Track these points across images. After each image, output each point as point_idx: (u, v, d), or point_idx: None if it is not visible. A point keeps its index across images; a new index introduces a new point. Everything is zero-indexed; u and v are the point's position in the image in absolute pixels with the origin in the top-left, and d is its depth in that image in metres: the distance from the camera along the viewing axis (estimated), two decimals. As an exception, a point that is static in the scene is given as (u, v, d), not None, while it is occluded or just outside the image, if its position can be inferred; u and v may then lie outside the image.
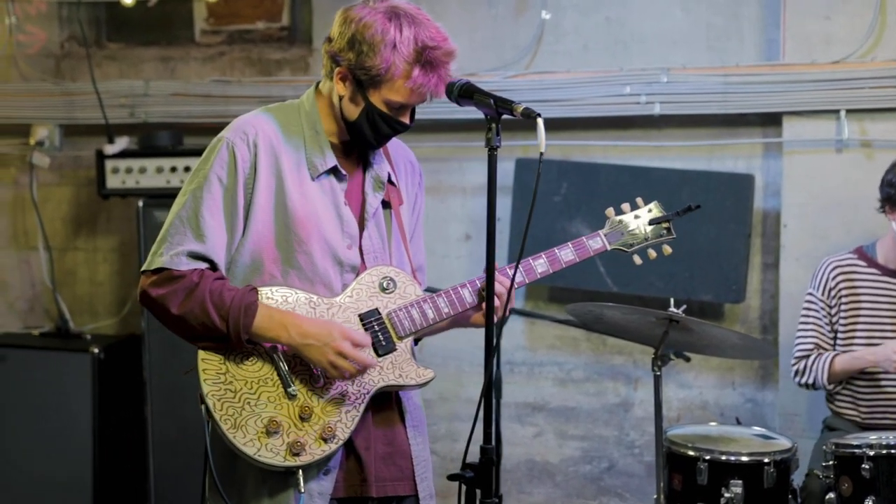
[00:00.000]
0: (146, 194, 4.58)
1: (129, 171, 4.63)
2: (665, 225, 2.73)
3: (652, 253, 2.72)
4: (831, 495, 3.20)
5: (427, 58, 2.33)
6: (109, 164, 4.67)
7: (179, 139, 4.74)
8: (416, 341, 2.66)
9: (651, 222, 2.72)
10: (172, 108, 4.84)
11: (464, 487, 2.26)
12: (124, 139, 4.74)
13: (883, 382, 3.64)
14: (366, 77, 2.35)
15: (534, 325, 4.71)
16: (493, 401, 4.53)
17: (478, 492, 2.25)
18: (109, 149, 4.68)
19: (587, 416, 4.66)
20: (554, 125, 4.53)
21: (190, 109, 4.80)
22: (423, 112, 4.42)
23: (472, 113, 4.62)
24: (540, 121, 2.20)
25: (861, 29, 4.14)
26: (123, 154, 4.67)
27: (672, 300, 3.42)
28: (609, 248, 2.66)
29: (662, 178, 4.38)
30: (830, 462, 3.22)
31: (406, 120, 2.44)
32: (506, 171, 4.62)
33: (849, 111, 4.14)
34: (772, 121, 4.33)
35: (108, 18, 5.20)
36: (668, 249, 2.73)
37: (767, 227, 4.41)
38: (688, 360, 4.10)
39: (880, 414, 3.67)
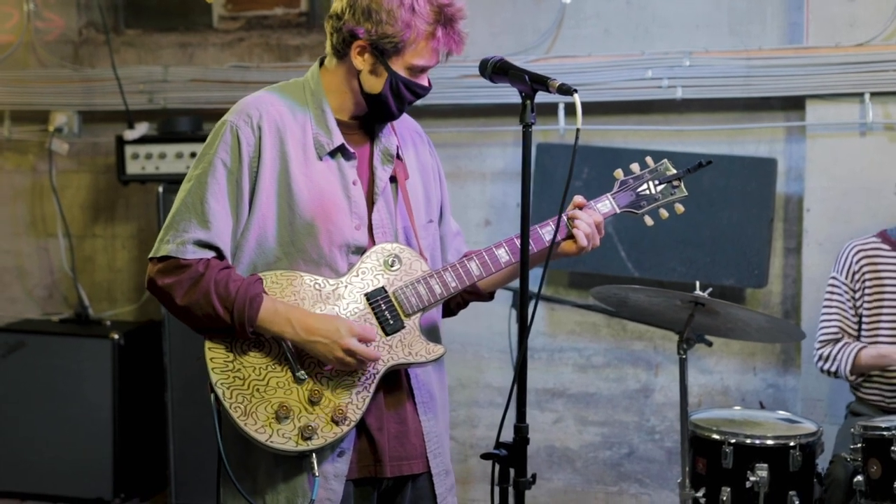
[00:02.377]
0: (166, 180, 4.58)
1: (148, 156, 4.64)
2: (676, 183, 2.67)
3: (664, 213, 2.66)
4: (859, 478, 3.18)
5: (446, 15, 2.33)
6: (129, 150, 4.67)
7: (199, 125, 4.73)
8: (451, 313, 2.65)
9: (661, 181, 2.66)
10: (191, 94, 4.83)
11: (497, 466, 2.23)
12: (144, 125, 4.74)
13: (909, 367, 3.63)
14: (389, 45, 2.32)
15: (553, 311, 4.70)
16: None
17: (511, 471, 2.21)
18: (129, 134, 4.68)
19: (607, 402, 4.65)
20: (575, 109, 4.50)
21: (209, 95, 4.80)
22: (442, 97, 4.48)
23: (492, 98, 4.65)
24: (577, 96, 2.19)
25: (886, 11, 4.11)
26: (143, 140, 4.67)
27: (697, 283, 3.40)
28: (618, 210, 2.61)
29: (684, 163, 4.32)
30: (859, 445, 3.20)
31: (425, 83, 2.42)
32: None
33: (873, 94, 4.11)
34: (794, 104, 4.30)
35: (126, 4, 5.20)
36: (680, 208, 2.66)
37: (790, 212, 4.38)
38: (710, 344, 4.10)
39: (906, 398, 3.65)
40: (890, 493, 3.08)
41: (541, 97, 4.58)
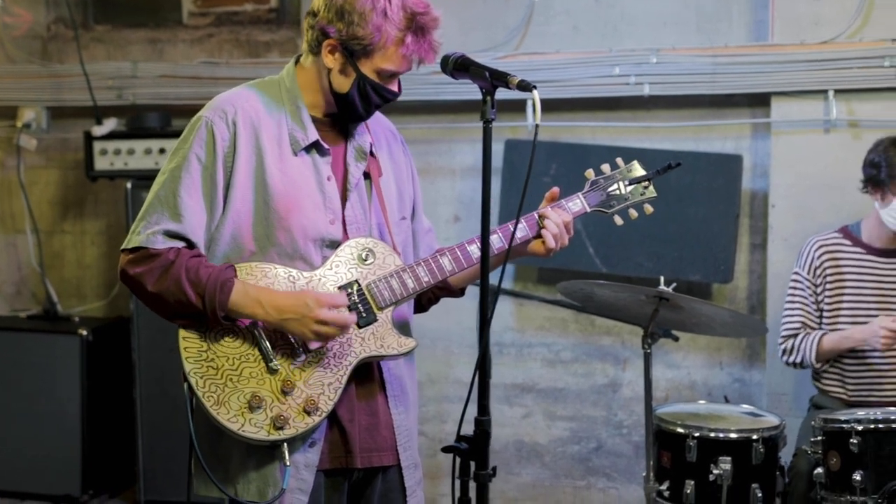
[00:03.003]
0: (134, 176, 4.58)
1: (117, 152, 4.63)
2: (646, 184, 2.70)
3: (633, 213, 2.69)
4: (819, 470, 3.22)
5: (418, 23, 2.35)
6: (98, 146, 4.66)
7: (168, 121, 4.73)
8: (422, 309, 2.68)
9: (631, 182, 2.69)
10: (160, 90, 4.83)
11: (458, 460, 2.25)
12: (112, 121, 4.73)
13: (870, 360, 3.67)
14: (358, 47, 2.35)
15: (522, 307, 4.72)
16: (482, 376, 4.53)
17: (472, 464, 2.23)
18: (98, 130, 4.67)
19: (575, 397, 4.68)
20: (543, 106, 4.47)
21: (178, 91, 4.79)
22: (411, 93, 4.47)
23: (460, 94, 4.67)
24: (535, 92, 2.22)
25: (849, 9, 4.15)
26: (112, 135, 4.66)
27: (662, 278, 3.44)
28: (589, 209, 2.63)
29: (651, 159, 4.32)
30: (819, 437, 3.25)
31: (395, 88, 2.44)
32: (495, 152, 4.55)
33: (837, 91, 4.15)
34: (760, 101, 4.35)
35: (95, 0, 5.18)
36: (649, 209, 2.70)
37: (755, 208, 4.43)
38: (676, 339, 4.13)
39: (866, 391, 3.69)
40: (849, 485, 3.13)
41: (510, 94, 4.63)
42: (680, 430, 3.42)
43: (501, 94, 4.66)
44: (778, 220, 4.29)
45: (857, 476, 3.11)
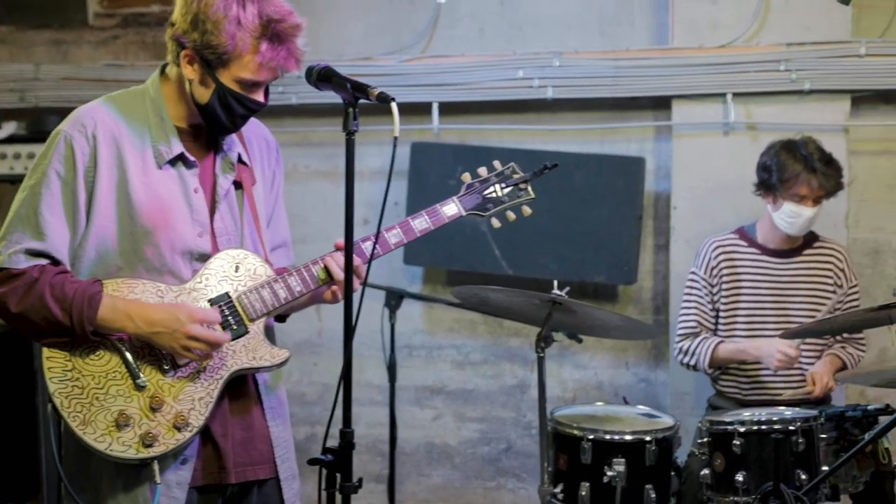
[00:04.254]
0: (36, 180, 4.49)
1: (17, 156, 4.54)
2: (523, 186, 2.69)
3: (511, 215, 2.68)
4: (705, 471, 3.26)
5: (274, 31, 2.31)
6: (-3, 150, 4.58)
7: (70, 124, 4.64)
8: (282, 318, 2.65)
9: (508, 184, 2.68)
10: (64, 93, 4.74)
11: (324, 472, 2.24)
12: (12, 124, 4.64)
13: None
14: (213, 56, 2.32)
15: (432, 309, 4.73)
16: (389, 383, 4.52)
17: (338, 476, 2.23)
18: (-3, 134, 4.59)
19: (485, 399, 4.70)
20: (450, 109, 4.55)
21: (81, 94, 4.69)
22: (317, 97, 4.45)
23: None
24: (394, 105, 2.21)
25: (746, 13, 4.21)
26: (11, 139, 4.57)
27: (556, 282, 3.45)
28: (464, 213, 2.63)
29: (556, 161, 4.40)
30: (705, 439, 3.29)
31: (260, 98, 2.41)
32: (402, 155, 4.62)
33: (735, 95, 4.21)
34: (662, 104, 4.39)
35: (-2, 0, 5.09)
36: (527, 210, 2.69)
37: (659, 210, 4.47)
38: (580, 341, 4.16)
39: (760, 391, 3.75)
40: (732, 485, 3.17)
41: (415, 97, 4.62)
42: (575, 432, 3.43)
43: (406, 97, 4.68)
44: (680, 221, 4.33)
45: (739, 477, 3.16)
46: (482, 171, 2.70)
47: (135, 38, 4.90)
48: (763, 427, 3.17)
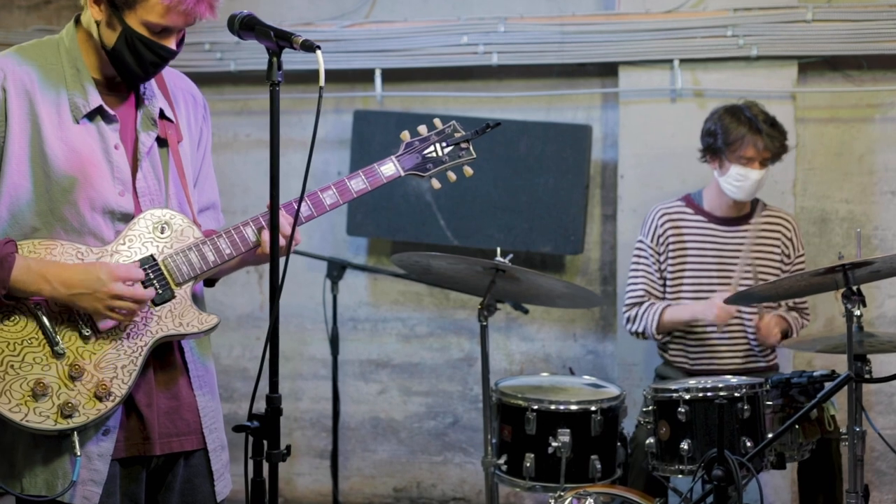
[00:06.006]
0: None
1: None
2: (464, 145, 2.59)
3: (451, 175, 2.58)
4: (650, 440, 3.21)
5: None
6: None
7: (-1, 91, 4.49)
8: (210, 283, 2.55)
9: (449, 143, 2.58)
10: (-8, 59, 4.57)
11: (250, 439, 2.14)
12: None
13: (710, 328, 3.68)
14: None
15: (377, 281, 4.64)
16: (332, 357, 4.43)
17: (265, 443, 2.14)
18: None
19: (431, 372, 4.62)
20: (393, 76, 4.45)
21: (12, 60, 4.55)
22: (259, 63, 4.32)
23: (308, 63, 4.50)
24: (319, 53, 2.11)
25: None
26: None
27: (499, 250, 3.38)
28: (403, 173, 2.53)
29: (502, 129, 4.25)
30: (650, 407, 3.23)
31: (171, 45, 2.28)
32: (344, 123, 4.53)
33: (682, 61, 4.16)
34: (609, 71, 4.32)
35: (-76, -36, 4.90)
36: (468, 171, 2.59)
37: (606, 178, 4.41)
38: (526, 311, 4.10)
39: (707, 360, 3.71)
40: (677, 454, 3.12)
41: (359, 63, 4.51)
42: (520, 402, 3.37)
43: (349, 64, 4.55)
44: (627, 190, 4.27)
45: (684, 445, 3.10)
46: (422, 129, 2.61)
47: (66, 3, 4.74)
48: (708, 394, 3.12)
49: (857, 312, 2.95)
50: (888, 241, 4.26)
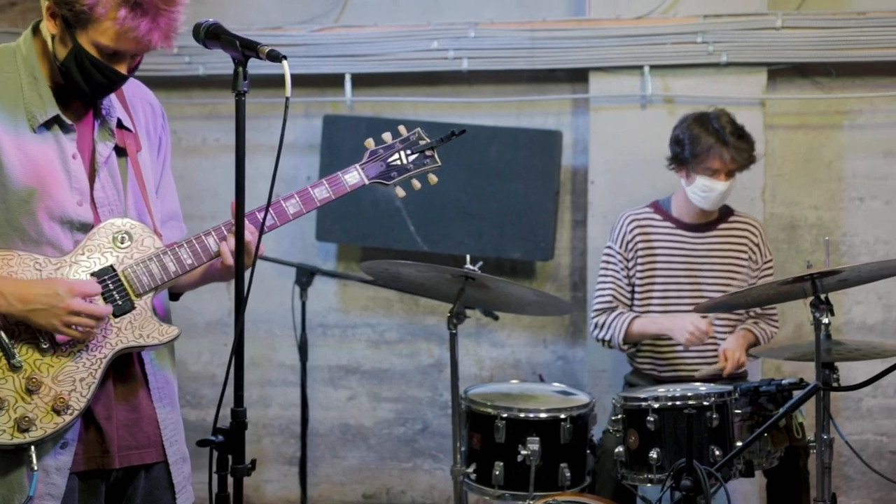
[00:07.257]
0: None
1: None
2: (429, 153, 2.57)
3: (416, 184, 2.56)
4: (619, 449, 3.20)
5: (136, 0, 2.15)
6: None
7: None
8: (175, 297, 2.51)
9: (414, 150, 2.56)
10: (-44, 61, 4.51)
11: (215, 453, 2.11)
12: None
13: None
14: (70, 14, 2.15)
15: (346, 287, 4.61)
16: (301, 363, 4.39)
17: (230, 457, 2.10)
18: None
19: (401, 378, 4.60)
20: (363, 81, 4.42)
21: (-25, 62, 4.48)
22: (227, 68, 4.30)
23: (277, 68, 4.50)
24: (286, 63, 2.09)
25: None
26: None
27: (468, 257, 3.37)
28: (367, 182, 2.50)
29: (472, 135, 4.27)
30: (619, 416, 3.23)
31: (122, 69, 2.23)
32: (314, 128, 4.49)
33: (652, 67, 4.16)
34: (580, 77, 4.31)
35: None
36: (433, 179, 2.57)
37: (577, 184, 4.40)
38: (496, 318, 4.08)
39: (676, 368, 3.70)
40: (646, 463, 3.12)
41: (328, 68, 4.48)
42: (489, 410, 3.35)
43: (318, 69, 4.52)
44: (597, 196, 4.27)
45: (653, 454, 3.10)
46: (387, 136, 2.58)
47: (32, 6, 4.67)
48: (677, 403, 3.12)
49: (826, 321, 2.96)
50: (856, 247, 4.29)
